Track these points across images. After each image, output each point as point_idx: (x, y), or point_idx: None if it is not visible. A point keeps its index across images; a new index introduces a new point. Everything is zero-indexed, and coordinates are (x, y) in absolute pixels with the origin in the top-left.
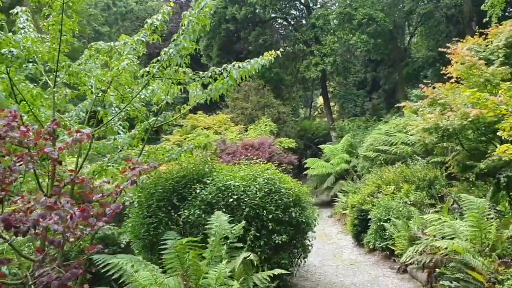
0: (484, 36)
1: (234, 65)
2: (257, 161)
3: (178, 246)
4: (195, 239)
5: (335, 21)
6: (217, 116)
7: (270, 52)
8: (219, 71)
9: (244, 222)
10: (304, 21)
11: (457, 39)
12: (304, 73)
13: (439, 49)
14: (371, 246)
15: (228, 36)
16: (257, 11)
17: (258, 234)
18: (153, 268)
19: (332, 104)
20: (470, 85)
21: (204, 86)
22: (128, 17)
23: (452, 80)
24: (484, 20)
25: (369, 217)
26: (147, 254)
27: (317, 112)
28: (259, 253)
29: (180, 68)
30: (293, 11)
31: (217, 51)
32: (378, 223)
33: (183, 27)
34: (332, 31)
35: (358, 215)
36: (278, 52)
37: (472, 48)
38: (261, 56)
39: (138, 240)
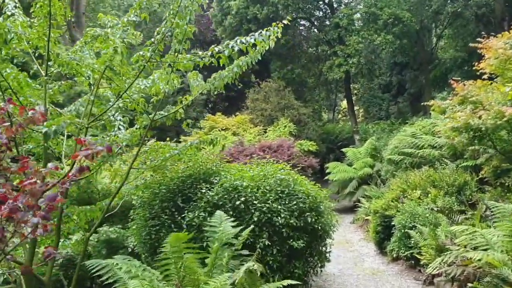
0: None
1: (236, 41)
2: (272, 161)
3: (174, 242)
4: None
5: (359, 21)
6: (236, 117)
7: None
8: (218, 49)
9: (252, 227)
10: (327, 22)
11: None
12: (327, 75)
13: (470, 44)
14: (394, 255)
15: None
16: (279, 11)
17: (269, 242)
18: (152, 274)
19: (356, 108)
20: (505, 82)
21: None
22: (151, 19)
23: (485, 77)
24: None
25: (392, 223)
26: (150, 259)
27: (340, 115)
28: (270, 261)
29: (180, 55)
30: (316, 12)
31: (238, 53)
32: (403, 230)
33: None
34: (356, 31)
35: (381, 221)
36: (285, 21)
37: (507, 43)
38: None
39: (141, 244)
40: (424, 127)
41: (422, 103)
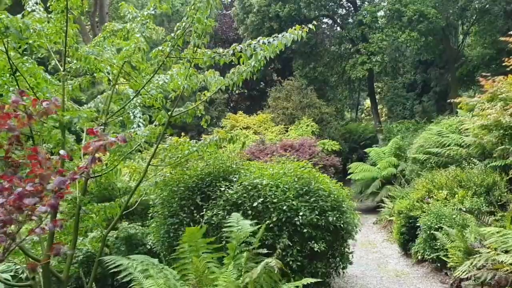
0: None
1: (258, 41)
2: (292, 159)
3: (188, 238)
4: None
5: (383, 18)
6: (257, 116)
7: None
8: (241, 48)
9: (267, 223)
10: (350, 19)
11: None
12: (350, 73)
13: (501, 38)
14: (419, 257)
15: (271, 35)
16: (302, 9)
17: (290, 243)
18: (168, 274)
19: (380, 107)
20: None
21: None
22: (174, 18)
23: None
24: None
25: (417, 224)
26: (169, 257)
27: (364, 114)
28: (291, 262)
29: (199, 49)
30: (339, 10)
31: None
32: (428, 232)
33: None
34: (380, 28)
35: (405, 222)
36: (311, 25)
37: None
38: (290, 30)
39: (160, 242)
40: (450, 126)
41: (448, 100)
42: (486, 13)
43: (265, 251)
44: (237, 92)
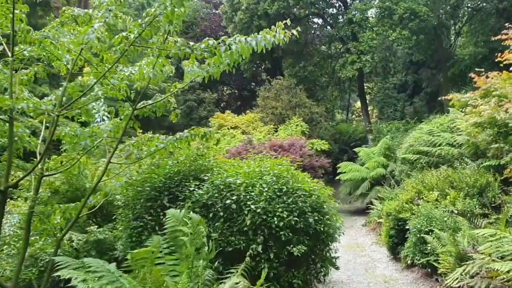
0: None
1: (235, 39)
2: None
3: (142, 253)
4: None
5: (373, 16)
6: (246, 115)
7: (282, 23)
8: (213, 42)
9: (238, 225)
10: (341, 18)
11: None
12: (339, 73)
13: (493, 38)
14: (408, 261)
15: None
16: (291, 7)
17: (264, 248)
18: (125, 283)
19: (370, 108)
20: None
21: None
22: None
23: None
24: None
25: (407, 227)
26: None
27: (354, 115)
28: (266, 269)
29: (170, 37)
30: (329, 10)
31: None
32: (418, 235)
33: None
34: (370, 27)
35: (394, 224)
36: (294, 31)
37: None
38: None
39: (123, 247)
40: (442, 124)
41: (440, 98)
42: (478, 11)
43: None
44: (227, 92)
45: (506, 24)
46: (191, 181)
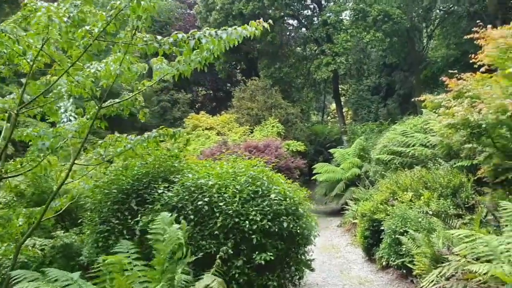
0: None
1: (205, 33)
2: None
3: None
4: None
5: (348, 17)
6: (221, 116)
7: (257, 21)
8: (182, 36)
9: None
10: (315, 20)
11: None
12: (314, 74)
13: (466, 36)
14: (384, 263)
15: None
16: (266, 7)
17: (235, 252)
18: None
19: (345, 109)
20: (505, 74)
21: None
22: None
23: (483, 69)
24: None
25: (382, 228)
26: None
27: (330, 117)
28: (237, 275)
29: (139, 33)
30: (305, 11)
31: (224, 50)
32: (393, 236)
33: None
34: (344, 29)
35: (369, 225)
36: (265, 24)
37: (507, 35)
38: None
39: (89, 253)
40: (415, 125)
41: (413, 99)
42: (450, 14)
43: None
44: (203, 93)
45: (478, 21)
46: (160, 183)
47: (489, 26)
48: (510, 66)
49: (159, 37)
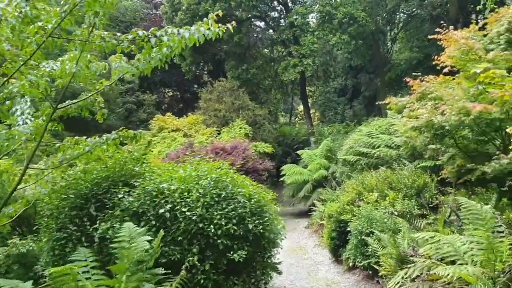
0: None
1: (166, 31)
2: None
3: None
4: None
5: (314, 20)
6: (188, 118)
7: (213, 16)
8: (143, 33)
9: (162, 232)
10: (282, 22)
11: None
12: (282, 76)
13: (429, 36)
14: (350, 264)
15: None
16: (233, 9)
17: (200, 258)
18: None
19: (313, 111)
20: (467, 76)
21: None
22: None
23: (446, 70)
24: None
25: (348, 229)
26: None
27: (298, 119)
28: (202, 280)
29: (96, 31)
30: (272, 13)
31: (191, 51)
32: (359, 237)
33: None
34: (311, 31)
35: (336, 226)
36: (229, 25)
37: (468, 37)
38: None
39: (44, 262)
40: (380, 127)
41: (377, 103)
42: (413, 17)
43: (162, 270)
44: (169, 94)
45: (442, 22)
46: (120, 187)
47: (451, 27)
48: (471, 68)
49: (118, 34)
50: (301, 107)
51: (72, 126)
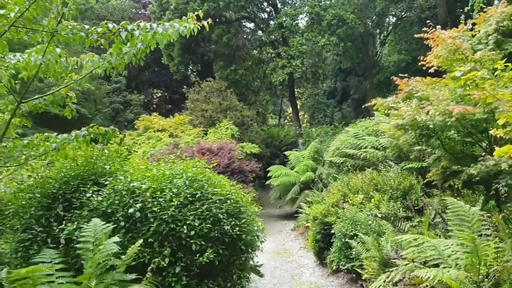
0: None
1: (139, 26)
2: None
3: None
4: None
5: (303, 21)
6: (174, 118)
7: (192, 16)
8: (113, 26)
9: (140, 241)
10: (271, 23)
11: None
12: (270, 77)
13: (416, 35)
14: (334, 267)
15: (191, 35)
16: (221, 9)
17: (171, 259)
18: None
19: (302, 113)
20: (454, 77)
21: None
22: (87, 15)
23: (431, 71)
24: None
25: (332, 231)
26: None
27: (287, 120)
28: (173, 283)
29: (66, 21)
30: (261, 14)
31: (179, 51)
32: (343, 239)
33: None
34: (300, 32)
35: (320, 228)
36: (205, 22)
37: (456, 37)
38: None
39: (8, 265)
40: (367, 128)
41: (365, 105)
42: (402, 20)
43: (133, 276)
44: (158, 94)
45: (428, 21)
46: (89, 186)
47: (439, 26)
48: (457, 68)
49: (86, 27)
50: (290, 109)
51: (56, 125)
